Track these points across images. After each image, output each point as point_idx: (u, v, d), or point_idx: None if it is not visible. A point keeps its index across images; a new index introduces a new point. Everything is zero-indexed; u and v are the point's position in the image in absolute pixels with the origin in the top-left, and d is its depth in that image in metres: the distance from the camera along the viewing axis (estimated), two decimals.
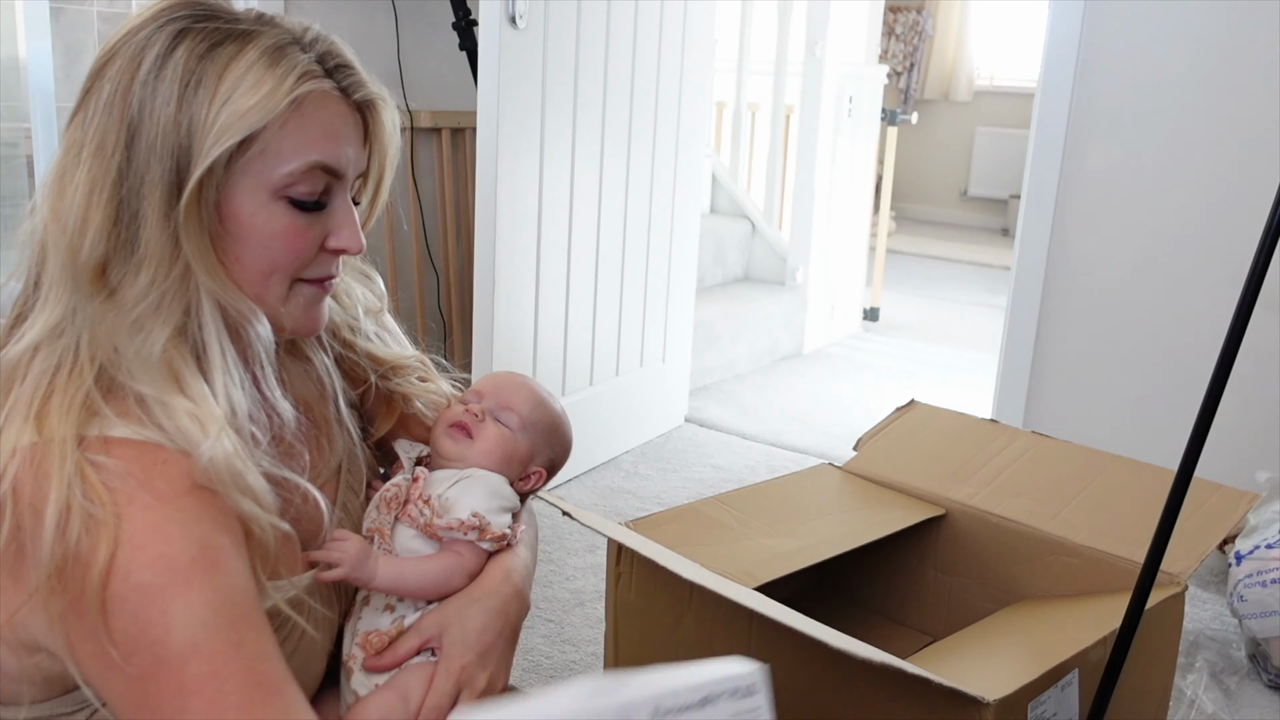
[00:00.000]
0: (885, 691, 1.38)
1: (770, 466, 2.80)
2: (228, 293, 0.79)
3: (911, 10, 7.20)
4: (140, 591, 0.69)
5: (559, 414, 1.05)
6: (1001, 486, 1.80)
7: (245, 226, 0.79)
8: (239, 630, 0.71)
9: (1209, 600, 2.12)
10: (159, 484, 0.72)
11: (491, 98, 2.23)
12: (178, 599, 0.69)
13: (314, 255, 0.83)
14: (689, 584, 1.61)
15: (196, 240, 0.76)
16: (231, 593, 0.72)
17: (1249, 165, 2.19)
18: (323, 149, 0.80)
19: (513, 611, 0.91)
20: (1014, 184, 6.80)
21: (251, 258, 0.80)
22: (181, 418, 0.74)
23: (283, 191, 0.79)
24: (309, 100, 0.79)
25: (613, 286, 2.71)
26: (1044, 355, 2.49)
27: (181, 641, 0.69)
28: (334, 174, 0.82)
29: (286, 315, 0.83)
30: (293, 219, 0.80)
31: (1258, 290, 1.09)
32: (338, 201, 0.83)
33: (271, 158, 0.78)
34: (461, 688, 0.86)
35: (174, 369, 0.76)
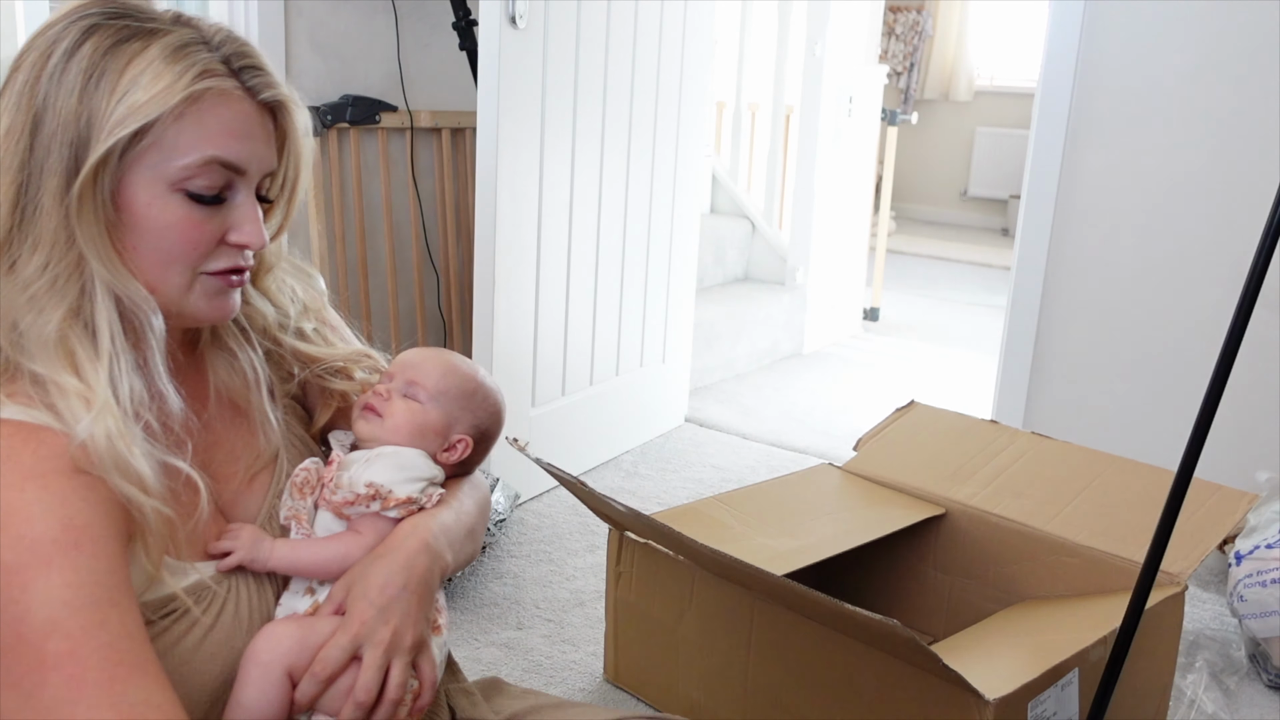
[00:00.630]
0: (888, 688, 1.38)
1: (770, 466, 2.80)
2: (120, 280, 0.81)
3: (911, 10, 7.20)
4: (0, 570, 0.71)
5: (473, 379, 1.05)
6: (1001, 486, 1.80)
7: (140, 217, 0.81)
8: (102, 610, 0.73)
9: (1209, 600, 2.12)
10: (28, 461, 0.75)
11: (491, 98, 2.24)
12: (37, 578, 0.71)
13: (212, 248, 0.85)
14: (689, 584, 1.62)
15: (90, 228, 0.79)
16: (94, 574, 0.73)
17: (1249, 165, 2.20)
18: (220, 145, 0.82)
19: (419, 565, 0.92)
20: (1014, 184, 6.80)
21: (147, 248, 0.82)
22: (71, 398, 0.77)
23: (179, 184, 0.81)
24: (207, 97, 0.81)
25: (613, 286, 2.71)
26: (1044, 355, 2.49)
27: (41, 619, 0.71)
28: (234, 170, 0.83)
29: (189, 305, 0.85)
30: (188, 212, 0.82)
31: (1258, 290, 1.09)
32: (240, 197, 0.85)
33: (168, 151, 0.80)
34: (362, 641, 0.87)
35: (69, 348, 0.79)
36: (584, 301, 2.62)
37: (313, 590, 0.91)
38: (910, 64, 7.18)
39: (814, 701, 1.47)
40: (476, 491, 1.06)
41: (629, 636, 1.75)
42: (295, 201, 0.95)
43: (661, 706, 1.71)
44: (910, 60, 7.18)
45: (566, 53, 2.39)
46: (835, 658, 1.43)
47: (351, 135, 2.66)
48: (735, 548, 1.49)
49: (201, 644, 0.83)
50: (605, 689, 1.77)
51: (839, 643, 1.42)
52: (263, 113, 0.86)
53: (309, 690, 0.85)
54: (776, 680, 1.52)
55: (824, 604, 1.28)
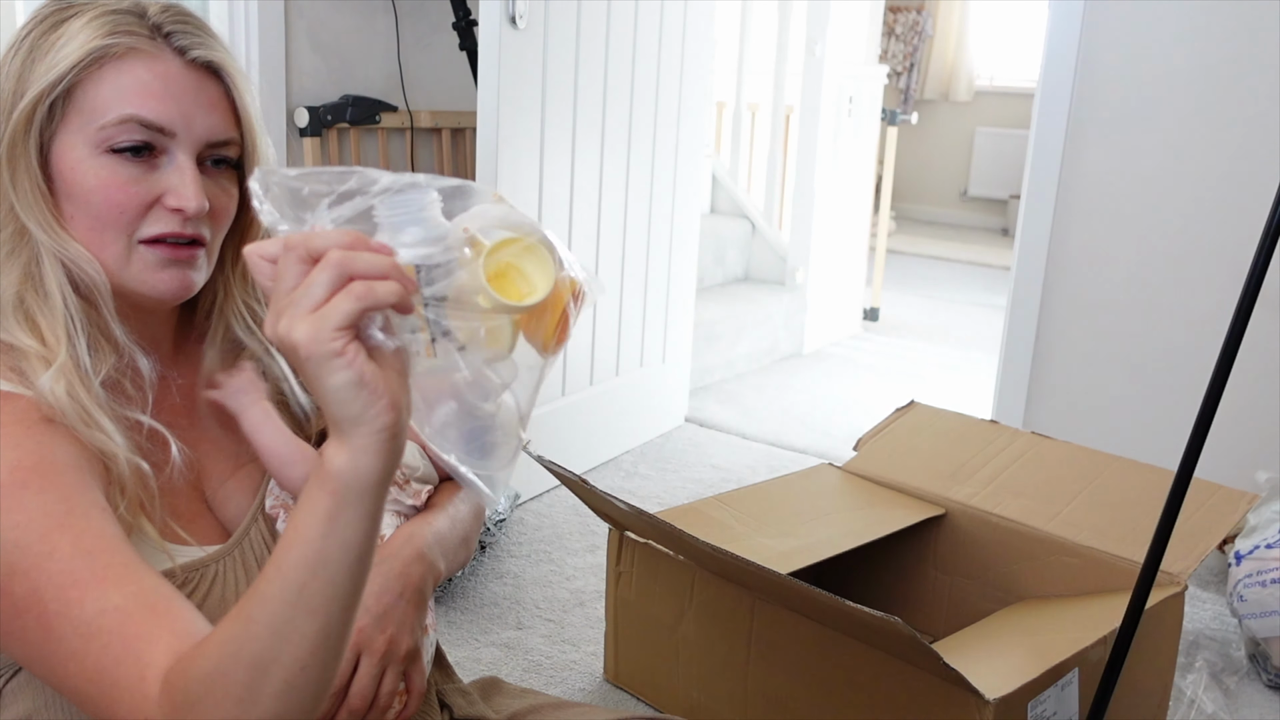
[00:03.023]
0: (888, 687, 1.38)
1: (770, 466, 2.80)
2: (61, 244, 0.82)
3: (911, 10, 7.20)
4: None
5: None
6: (1001, 486, 1.80)
7: (70, 182, 0.83)
8: (50, 539, 0.72)
9: (1209, 600, 2.12)
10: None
11: (491, 98, 2.24)
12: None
13: (143, 211, 0.84)
14: (689, 584, 1.62)
15: (26, 195, 0.82)
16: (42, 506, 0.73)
17: (1249, 165, 2.20)
18: (139, 103, 0.82)
19: (414, 574, 0.92)
20: (1014, 184, 6.80)
21: (81, 214, 0.83)
22: (33, 360, 0.79)
23: (103, 144, 0.82)
24: (127, 56, 0.82)
25: (613, 287, 2.71)
26: (1044, 355, 2.49)
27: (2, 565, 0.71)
28: (159, 130, 0.83)
29: (132, 277, 0.85)
30: (113, 171, 0.82)
31: (1258, 290, 1.09)
32: (179, 162, 0.84)
33: (88, 113, 0.82)
34: (360, 650, 0.87)
35: (27, 311, 0.81)
36: None
37: None
38: (910, 64, 7.18)
39: (814, 701, 1.47)
40: (471, 496, 1.06)
41: (629, 636, 1.75)
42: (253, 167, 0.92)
43: (661, 706, 1.71)
44: (910, 60, 7.18)
45: (566, 53, 2.39)
46: (835, 657, 1.43)
47: (351, 135, 2.66)
48: (735, 548, 1.49)
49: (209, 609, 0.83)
50: (605, 689, 1.77)
51: (839, 642, 1.42)
52: (199, 76, 0.85)
53: None
54: (776, 680, 1.52)
55: (824, 602, 1.28)
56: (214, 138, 0.86)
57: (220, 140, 0.87)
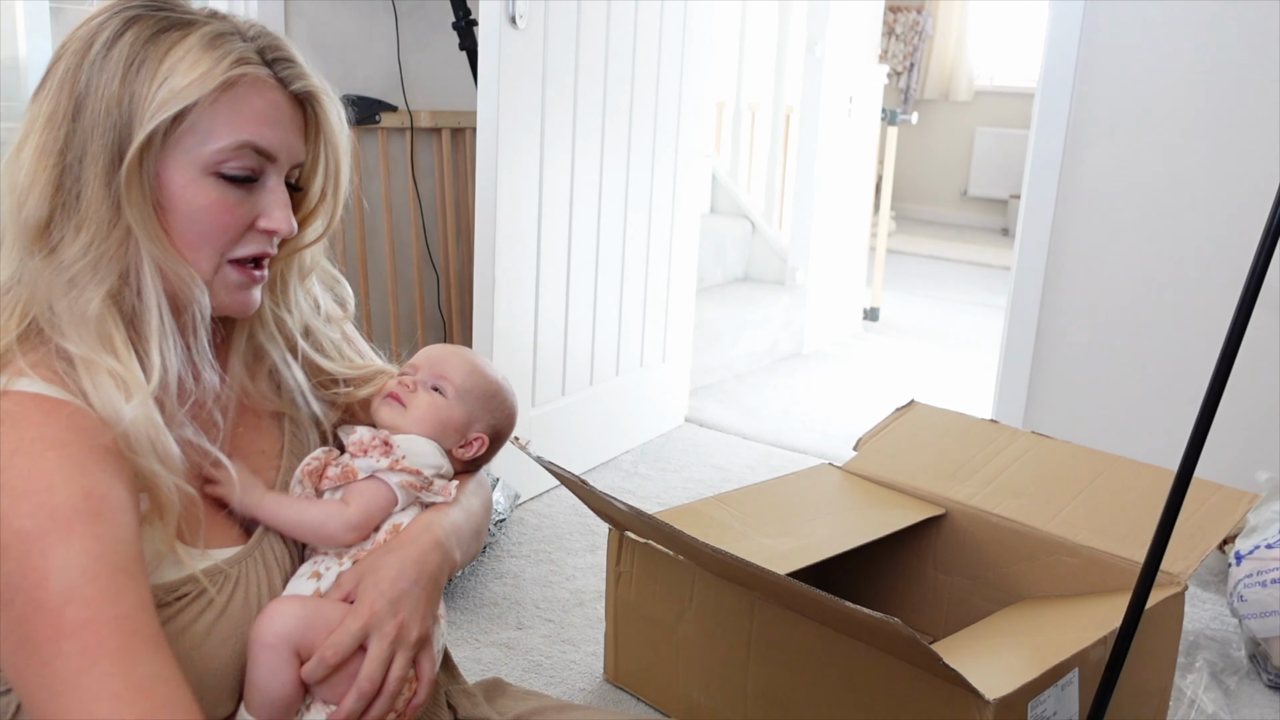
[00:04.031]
0: (888, 687, 1.38)
1: (770, 466, 2.80)
2: (169, 257, 0.83)
3: (911, 10, 7.20)
4: (21, 538, 0.72)
5: (495, 381, 1.07)
6: (1001, 486, 1.80)
7: (177, 199, 0.83)
8: (118, 580, 0.74)
9: (1209, 600, 2.12)
10: (48, 430, 0.76)
11: (491, 98, 2.23)
12: (58, 546, 0.72)
13: (242, 233, 0.86)
14: (689, 584, 1.62)
15: (139, 208, 0.82)
16: (114, 544, 0.74)
17: (1249, 165, 2.20)
18: (254, 130, 0.84)
19: (430, 562, 0.93)
20: (1014, 184, 6.80)
21: (181, 230, 0.84)
22: (103, 376, 0.78)
23: (213, 168, 0.84)
24: (242, 83, 0.84)
25: (613, 286, 2.71)
26: (1044, 355, 2.49)
27: (59, 587, 0.72)
28: (265, 155, 0.86)
29: (214, 294, 0.87)
30: (221, 194, 0.84)
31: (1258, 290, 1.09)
32: (271, 184, 0.87)
33: (203, 135, 0.83)
34: (369, 632, 0.87)
35: (105, 330, 0.80)
36: (584, 301, 2.62)
37: (319, 575, 0.92)
38: (910, 64, 7.18)
39: (814, 701, 1.47)
40: (481, 490, 1.08)
41: (629, 636, 1.75)
42: (340, 196, 0.97)
43: (661, 706, 1.71)
44: (910, 60, 7.18)
45: (566, 53, 2.39)
46: (835, 657, 1.43)
47: (351, 135, 2.66)
48: (735, 548, 1.49)
49: (212, 629, 0.84)
50: (605, 689, 1.77)
51: (839, 642, 1.42)
52: (293, 104, 0.89)
53: (316, 672, 0.85)
54: (776, 680, 1.52)
55: (824, 603, 1.28)
56: (298, 160, 0.90)
57: (300, 162, 0.91)
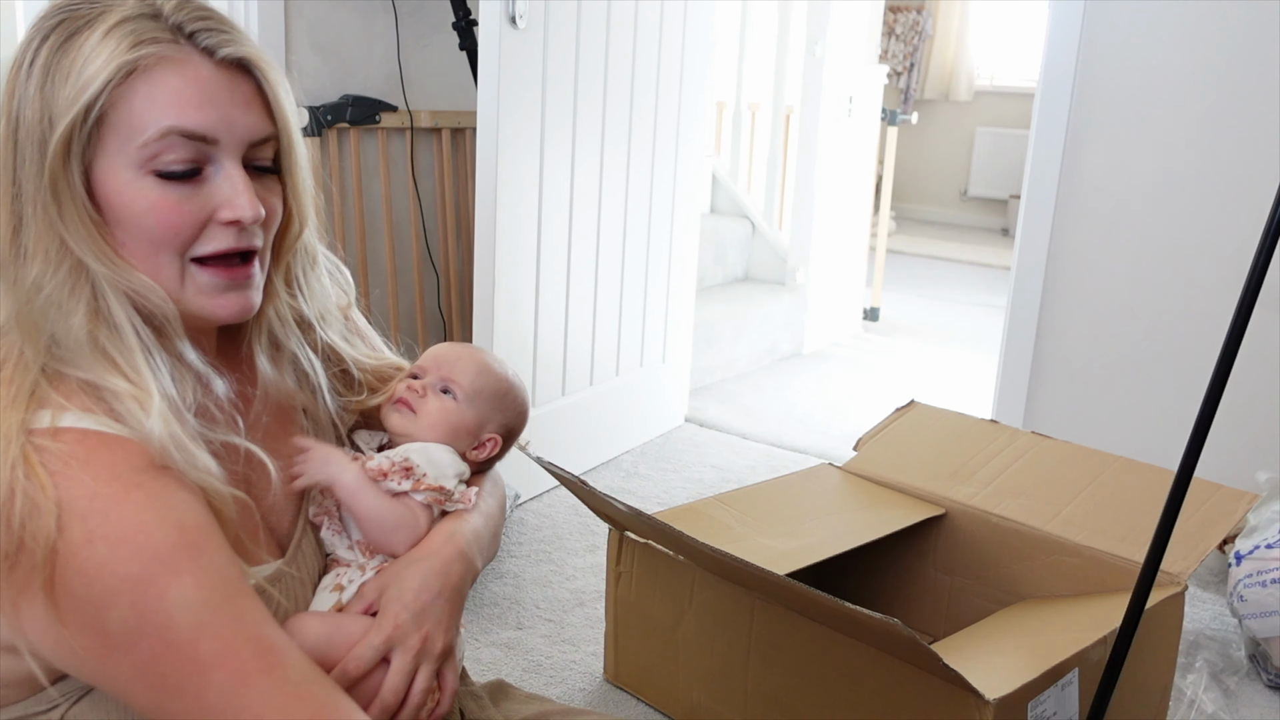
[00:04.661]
0: (888, 688, 1.38)
1: (770, 466, 2.80)
2: (121, 274, 0.78)
3: (911, 10, 7.19)
4: (131, 584, 0.70)
5: (506, 379, 1.05)
6: (1001, 486, 1.80)
7: (117, 208, 0.78)
8: (237, 602, 0.74)
9: (1209, 600, 2.12)
10: (118, 469, 0.73)
11: (491, 98, 2.23)
12: (171, 585, 0.71)
13: (198, 230, 0.80)
14: (689, 584, 1.62)
15: (77, 229, 0.77)
16: (220, 568, 0.74)
17: (1249, 165, 2.20)
18: (176, 113, 0.77)
19: (454, 573, 0.92)
20: (1014, 184, 6.80)
21: (132, 240, 0.79)
22: (126, 400, 0.76)
23: (148, 165, 0.78)
24: (154, 65, 0.77)
25: (613, 287, 2.71)
26: (1044, 355, 2.49)
27: (186, 624, 0.71)
28: (201, 139, 0.78)
29: (189, 301, 0.82)
30: (162, 192, 0.78)
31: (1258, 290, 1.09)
32: (224, 170, 0.80)
33: (124, 131, 0.77)
34: (394, 645, 0.87)
35: (103, 350, 0.77)
36: (584, 301, 2.62)
37: (341, 586, 0.91)
38: (910, 64, 7.17)
39: (814, 701, 1.47)
40: (497, 490, 1.07)
41: (629, 636, 1.75)
42: (298, 175, 0.88)
43: (661, 706, 1.71)
44: (910, 60, 7.18)
45: (566, 53, 2.39)
46: (835, 658, 1.43)
47: (351, 135, 2.66)
48: (735, 548, 1.49)
49: None
50: (605, 689, 1.77)
51: (839, 643, 1.42)
52: (230, 74, 0.80)
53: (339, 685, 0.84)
54: (776, 680, 1.52)
55: (824, 603, 1.28)
56: (254, 136, 0.82)
57: (260, 138, 0.83)
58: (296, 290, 0.94)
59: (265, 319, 0.92)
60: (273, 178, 0.86)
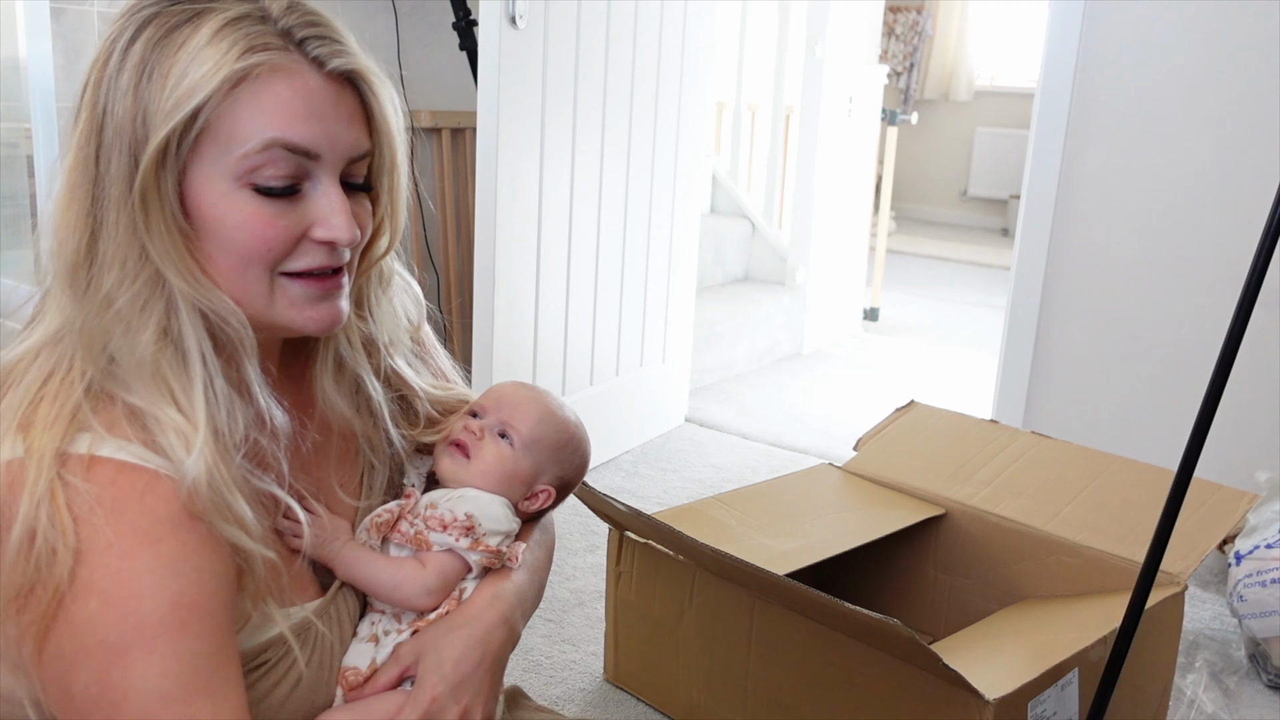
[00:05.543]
0: (888, 687, 1.38)
1: (770, 466, 2.80)
2: (203, 293, 0.74)
3: (911, 10, 7.20)
4: (105, 648, 0.67)
5: (567, 429, 1.00)
6: (1001, 486, 1.80)
7: (209, 219, 0.74)
8: (194, 702, 0.68)
9: (1209, 600, 2.12)
10: (137, 519, 0.69)
11: (491, 98, 2.23)
12: (138, 662, 0.67)
13: (291, 247, 0.76)
14: (689, 584, 1.62)
15: (161, 239, 0.72)
16: (195, 658, 0.69)
17: (1249, 165, 2.20)
18: (281, 125, 0.73)
19: (495, 640, 0.87)
20: (1014, 184, 6.80)
21: (221, 253, 0.75)
22: (170, 434, 0.71)
23: (246, 178, 0.74)
24: (261, 72, 0.73)
25: (613, 286, 2.71)
26: (1044, 355, 2.49)
27: (135, 710, 0.67)
28: (304, 154, 0.75)
29: (277, 314, 0.78)
30: (258, 207, 0.74)
31: (1257, 290, 1.09)
32: (321, 187, 0.77)
33: (225, 141, 0.73)
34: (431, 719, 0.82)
35: (163, 376, 0.72)
36: (584, 301, 2.62)
37: (376, 639, 0.87)
38: (910, 64, 7.18)
39: (814, 701, 1.47)
40: (546, 538, 1.01)
41: (629, 636, 1.75)
42: (398, 194, 0.85)
43: (661, 706, 1.71)
44: (910, 60, 7.18)
45: (566, 53, 2.39)
46: (835, 658, 1.43)
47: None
48: (735, 548, 1.49)
49: (289, 697, 0.80)
50: (605, 689, 1.77)
51: (839, 643, 1.42)
52: (337, 87, 0.77)
53: None
54: (776, 680, 1.52)
55: (824, 603, 1.28)
56: (354, 153, 0.78)
57: (359, 154, 0.79)
58: (366, 312, 0.90)
59: (333, 339, 0.88)
60: (364, 195, 0.82)
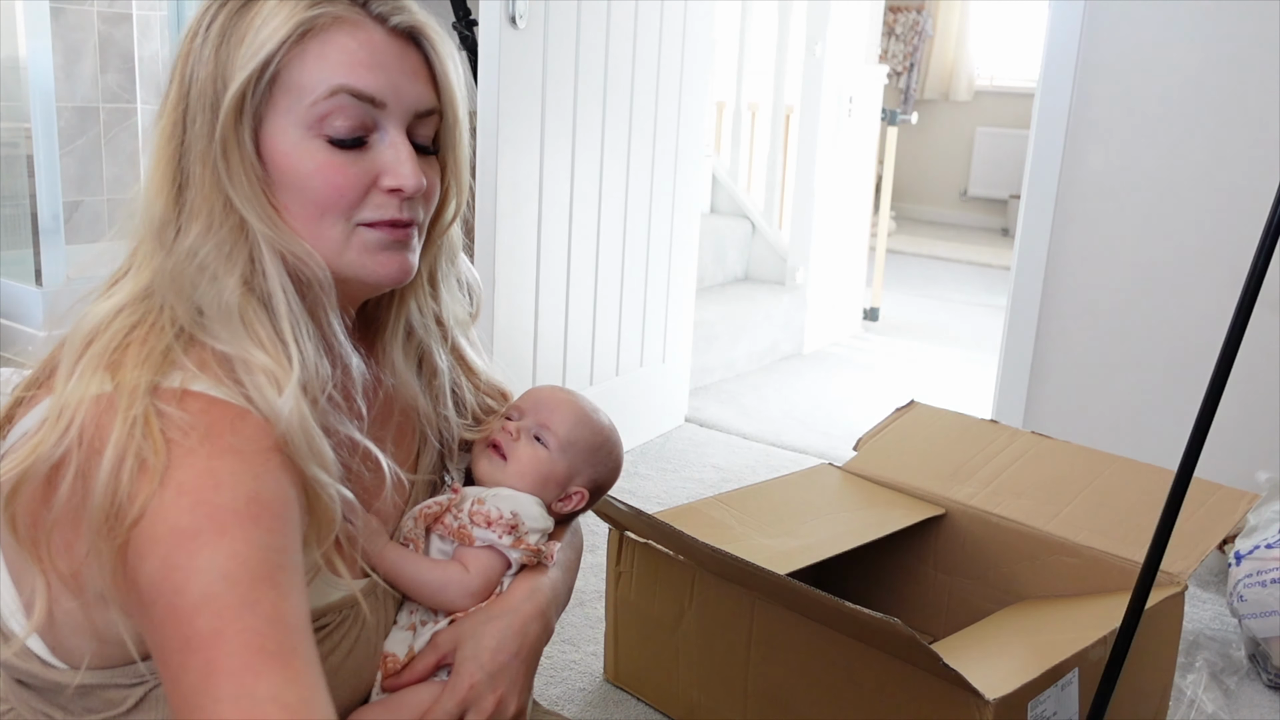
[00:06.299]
0: (888, 687, 1.38)
1: (770, 466, 2.80)
2: (283, 238, 0.78)
3: (911, 10, 7.20)
4: (175, 534, 0.67)
5: (603, 433, 1.01)
6: (1001, 486, 1.80)
7: (284, 169, 0.78)
8: (259, 588, 0.67)
9: (1209, 600, 2.12)
10: (228, 438, 0.71)
11: (491, 98, 2.24)
12: (206, 547, 0.67)
13: (362, 195, 0.80)
14: (689, 584, 1.62)
15: (244, 187, 0.77)
16: (265, 551, 0.68)
17: (1249, 165, 2.20)
18: (346, 73, 0.78)
19: (531, 633, 0.89)
20: (1014, 184, 6.80)
21: (296, 202, 0.79)
22: (259, 376, 0.73)
23: (317, 128, 0.78)
24: (328, 26, 0.78)
25: (613, 286, 2.71)
26: (1044, 355, 2.49)
27: (197, 592, 0.66)
28: (370, 101, 0.79)
29: (350, 262, 0.80)
30: (329, 155, 0.78)
31: (1257, 290, 1.09)
32: (391, 137, 0.80)
33: (295, 91, 0.77)
34: (467, 707, 0.84)
35: (249, 321, 0.76)
36: (584, 301, 2.62)
37: (414, 628, 0.88)
38: (910, 64, 7.18)
39: (814, 701, 1.47)
40: (576, 539, 1.04)
41: (629, 636, 1.75)
42: (460, 155, 0.88)
43: (661, 706, 1.71)
44: (910, 60, 7.18)
45: (566, 53, 2.39)
46: (835, 657, 1.43)
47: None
48: (735, 548, 1.49)
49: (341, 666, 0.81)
50: (605, 689, 1.77)
51: (839, 642, 1.42)
52: (401, 43, 0.81)
53: None
54: (776, 680, 1.52)
55: (824, 603, 1.28)
56: (420, 107, 0.82)
57: (425, 109, 0.82)
58: (437, 286, 0.92)
59: (406, 307, 0.90)
60: (432, 158, 0.85)
